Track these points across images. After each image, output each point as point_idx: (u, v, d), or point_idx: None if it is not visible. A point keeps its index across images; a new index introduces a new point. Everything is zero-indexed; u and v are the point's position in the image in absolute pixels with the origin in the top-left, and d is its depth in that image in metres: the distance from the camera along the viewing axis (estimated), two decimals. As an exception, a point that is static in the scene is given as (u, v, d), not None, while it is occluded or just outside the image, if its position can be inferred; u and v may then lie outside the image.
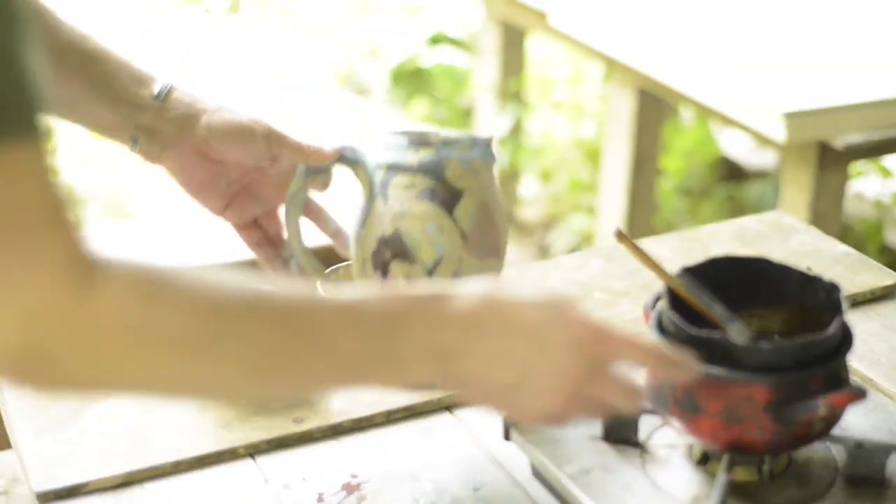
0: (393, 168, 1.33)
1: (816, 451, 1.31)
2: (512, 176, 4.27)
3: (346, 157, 1.35)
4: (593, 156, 4.42)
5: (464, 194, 1.33)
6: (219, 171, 1.35)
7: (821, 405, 1.19)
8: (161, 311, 0.89)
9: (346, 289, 1.02)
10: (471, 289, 1.06)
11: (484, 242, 1.34)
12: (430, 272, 1.30)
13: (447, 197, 1.32)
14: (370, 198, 1.35)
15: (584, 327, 1.07)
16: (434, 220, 1.31)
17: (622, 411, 1.13)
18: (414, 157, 1.32)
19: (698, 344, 1.19)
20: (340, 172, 1.39)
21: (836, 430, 1.29)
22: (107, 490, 1.37)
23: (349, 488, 1.36)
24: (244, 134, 1.33)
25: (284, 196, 1.38)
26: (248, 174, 1.37)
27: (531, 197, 4.44)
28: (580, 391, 1.08)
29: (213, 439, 1.43)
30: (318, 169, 1.35)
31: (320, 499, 1.35)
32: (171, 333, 0.90)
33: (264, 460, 1.41)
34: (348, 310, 1.00)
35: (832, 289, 1.29)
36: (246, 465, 1.41)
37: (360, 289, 1.03)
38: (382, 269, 1.34)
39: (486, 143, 1.37)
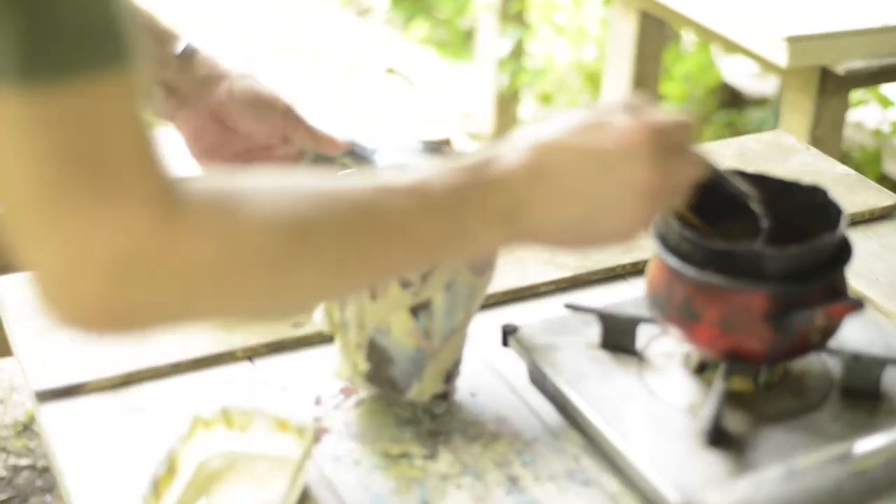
0: (402, 170, 1.31)
1: (812, 362, 1.32)
2: (512, 98, 4.26)
3: (356, 152, 1.32)
4: (594, 79, 4.40)
5: None
6: (228, 139, 1.32)
7: (819, 315, 1.19)
8: (241, 235, 0.88)
9: (405, 171, 1.01)
10: (514, 143, 1.04)
11: (480, 258, 1.31)
12: (425, 277, 1.27)
13: None
14: None
15: (632, 134, 1.04)
16: None
17: (696, 180, 1.10)
18: (425, 163, 1.31)
19: (699, 252, 1.20)
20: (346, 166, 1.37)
21: (833, 343, 1.30)
22: (106, 389, 1.38)
23: (346, 391, 1.37)
24: (264, 106, 1.31)
25: None
26: (255, 150, 1.34)
27: (530, 119, 4.43)
28: (653, 190, 1.05)
29: (212, 342, 1.43)
30: (325, 157, 1.33)
31: (318, 402, 1.36)
32: (253, 254, 0.89)
33: (262, 363, 1.42)
34: (414, 193, 0.99)
35: (813, 192, 1.28)
36: (244, 367, 1.41)
37: (418, 169, 1.01)
38: None
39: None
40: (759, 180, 1.30)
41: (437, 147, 1.31)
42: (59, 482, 1.28)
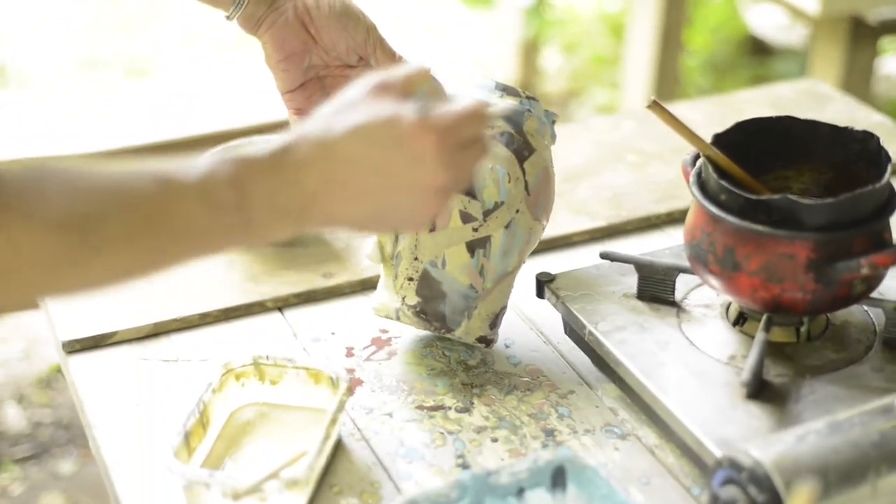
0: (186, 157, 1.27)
1: (854, 313, 1.29)
2: (534, 48, 4.22)
3: (432, 82, 1.29)
4: (617, 30, 4.36)
5: (534, 153, 1.29)
6: (310, 49, 1.29)
7: (863, 265, 1.16)
8: (24, 239, 0.90)
9: (191, 161, 0.98)
10: (300, 134, 1.01)
11: (540, 204, 1.29)
12: (487, 213, 1.26)
13: (521, 148, 1.28)
14: None
15: (421, 140, 1.00)
16: (505, 165, 1.27)
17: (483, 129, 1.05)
18: (498, 101, 1.28)
19: (738, 202, 1.17)
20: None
21: (876, 294, 1.27)
22: (133, 341, 1.36)
23: (378, 343, 1.35)
24: (350, 19, 1.27)
25: None
26: (329, 67, 1.31)
27: (553, 70, 4.39)
28: (447, 188, 1.03)
29: (241, 292, 1.41)
30: None
31: (349, 353, 1.34)
32: (34, 257, 0.91)
33: (292, 314, 1.40)
34: (200, 192, 0.97)
35: (867, 138, 1.26)
36: (274, 318, 1.39)
37: (205, 160, 0.99)
38: None
39: (553, 121, 1.32)
40: (811, 125, 1.27)
41: (511, 88, 1.28)
42: (88, 434, 1.27)
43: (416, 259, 1.27)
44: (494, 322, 1.30)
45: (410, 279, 1.27)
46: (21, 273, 0.91)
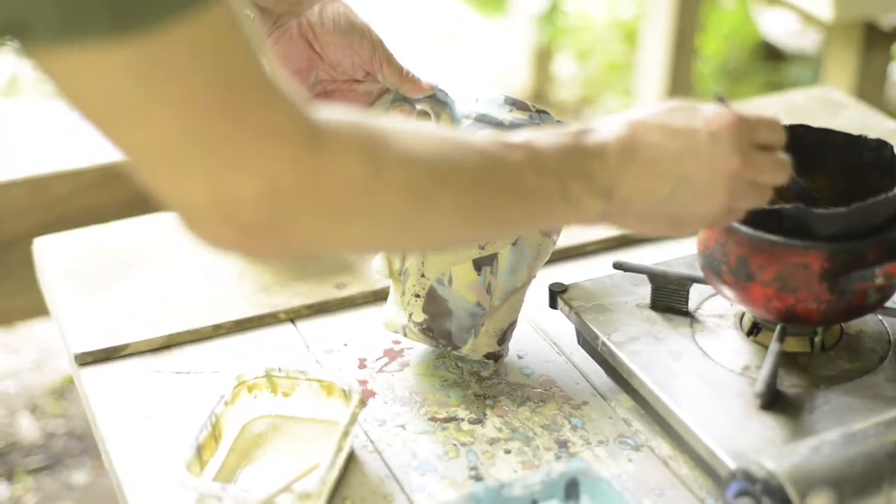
0: (482, 120, 1.27)
1: (869, 323, 1.29)
2: (547, 55, 4.21)
3: (437, 98, 1.29)
4: (630, 36, 4.36)
5: None
6: (315, 65, 1.29)
7: (878, 274, 1.16)
8: (385, 169, 0.91)
9: (518, 134, 1.03)
10: (610, 119, 1.07)
11: None
12: None
13: None
14: None
15: (721, 120, 1.07)
16: None
17: (780, 183, 1.12)
18: (507, 115, 1.27)
19: (763, 216, 1.16)
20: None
21: (891, 303, 1.27)
22: (146, 353, 1.36)
23: (391, 354, 1.34)
24: (355, 35, 1.27)
25: None
26: (336, 82, 1.31)
27: (567, 77, 4.39)
28: (739, 180, 1.07)
29: (254, 304, 1.41)
30: (405, 99, 1.30)
31: (362, 365, 1.33)
32: (396, 188, 0.92)
33: (305, 325, 1.40)
34: (531, 152, 1.01)
35: (880, 146, 1.25)
36: (287, 329, 1.39)
37: (528, 133, 1.04)
38: None
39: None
40: (825, 134, 1.27)
41: (520, 102, 1.28)
42: (100, 447, 1.27)
43: (422, 276, 1.26)
44: (503, 338, 1.29)
45: (417, 296, 1.27)
46: (382, 205, 0.92)
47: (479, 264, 1.25)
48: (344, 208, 0.89)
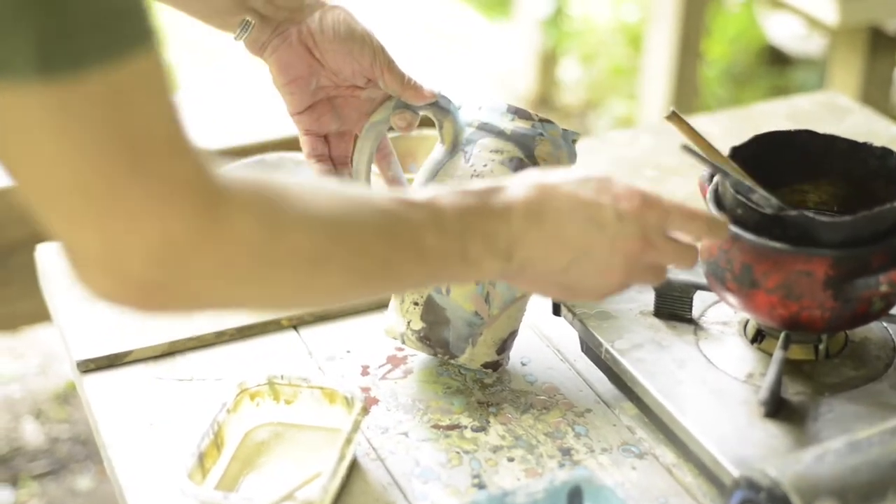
0: (485, 128, 1.26)
1: (873, 330, 1.28)
2: (552, 59, 4.21)
3: (440, 105, 1.28)
4: (635, 40, 4.35)
5: None
6: (314, 71, 1.28)
7: (882, 282, 1.15)
8: (284, 233, 0.90)
9: (421, 191, 1.03)
10: (521, 179, 1.06)
11: None
12: None
13: None
14: (450, 152, 1.29)
15: (633, 199, 1.07)
16: None
17: (681, 269, 1.13)
18: (509, 124, 1.26)
19: (766, 222, 1.16)
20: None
21: (894, 311, 1.26)
22: (149, 359, 1.35)
23: (394, 361, 1.34)
24: (355, 43, 1.26)
25: (363, 123, 1.31)
26: (339, 88, 1.30)
27: (571, 81, 4.38)
28: (638, 261, 1.08)
29: (256, 310, 1.41)
30: (407, 106, 1.29)
31: (365, 371, 1.33)
32: (293, 252, 0.91)
33: (308, 332, 1.39)
34: (432, 212, 1.00)
35: (885, 155, 1.25)
36: (289, 336, 1.39)
37: (432, 190, 1.03)
38: None
39: (573, 140, 1.30)
40: (830, 140, 1.27)
41: (523, 111, 1.27)
42: (102, 454, 1.26)
43: None
44: (502, 347, 1.29)
45: (416, 303, 1.26)
46: (278, 270, 0.91)
47: None
48: (239, 270, 0.88)
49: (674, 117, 1.21)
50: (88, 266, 0.84)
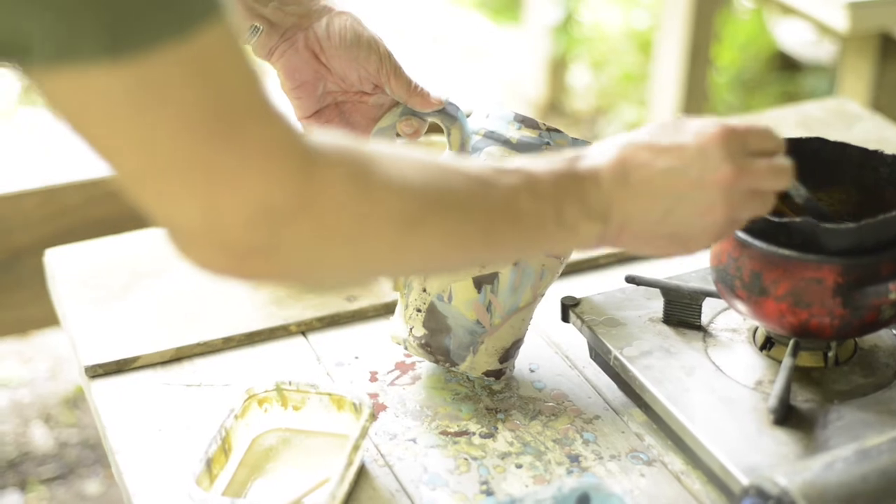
0: (492, 136, 1.26)
1: (883, 337, 1.28)
2: (562, 65, 4.21)
3: (447, 112, 1.27)
4: (645, 47, 4.35)
5: None
6: (321, 76, 1.28)
7: (892, 289, 1.15)
8: (377, 194, 0.90)
9: (509, 160, 1.03)
10: (600, 146, 1.07)
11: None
12: None
13: None
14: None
15: (711, 132, 1.07)
16: None
17: (781, 189, 1.11)
18: (516, 133, 1.26)
19: (773, 229, 1.16)
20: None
21: (905, 318, 1.26)
22: (157, 365, 1.35)
23: (402, 367, 1.34)
24: (361, 49, 1.26)
25: (371, 128, 1.31)
26: (346, 93, 1.30)
27: (581, 87, 4.38)
28: (735, 191, 1.06)
29: (265, 316, 1.41)
30: (414, 112, 1.29)
31: (373, 378, 1.33)
32: (386, 213, 0.91)
33: (316, 338, 1.39)
34: (525, 177, 1.00)
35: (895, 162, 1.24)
36: (298, 342, 1.39)
37: (523, 159, 1.04)
38: None
39: (584, 147, 1.27)
40: (841, 148, 1.26)
41: (530, 120, 1.26)
42: (110, 460, 1.26)
43: (424, 290, 1.26)
44: (505, 356, 1.28)
45: (419, 310, 1.26)
46: (372, 232, 0.91)
47: (479, 282, 1.25)
48: (335, 232, 0.89)
49: None
50: (190, 238, 0.86)
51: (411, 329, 1.27)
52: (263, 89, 0.84)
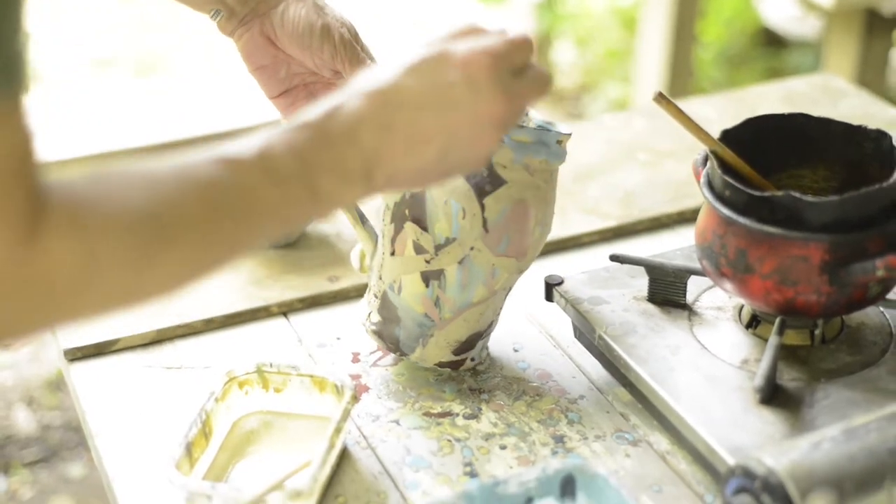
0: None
1: (870, 315, 1.27)
2: (546, 42, 4.19)
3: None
4: (630, 23, 4.34)
5: (503, 185, 1.20)
6: (281, 60, 1.27)
7: (879, 266, 1.14)
8: (98, 244, 0.85)
9: (247, 139, 0.95)
10: (354, 90, 0.98)
11: (506, 240, 1.22)
12: (439, 247, 1.21)
13: (484, 181, 1.20)
14: None
15: (479, 62, 0.98)
16: (460, 199, 1.20)
17: (542, 97, 1.04)
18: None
19: (754, 204, 1.14)
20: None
21: (891, 295, 1.25)
22: (137, 347, 1.34)
23: (385, 349, 1.32)
24: (314, 38, 1.24)
25: None
26: (315, 74, 1.29)
27: (566, 64, 4.37)
28: (506, 117, 1.00)
29: (245, 297, 1.39)
30: None
31: (355, 359, 1.31)
32: (111, 260, 0.86)
33: (298, 319, 1.38)
34: (263, 164, 0.93)
35: (880, 137, 1.23)
36: (279, 323, 1.37)
37: (261, 134, 0.96)
38: (398, 222, 1.26)
39: (557, 142, 1.21)
40: (825, 124, 1.25)
41: None
42: (90, 444, 1.25)
43: (380, 278, 1.24)
44: (462, 348, 1.26)
45: (376, 296, 1.25)
46: (102, 280, 0.87)
47: (426, 277, 1.22)
48: (57, 295, 0.85)
49: (660, 98, 1.19)
50: None
51: (369, 314, 1.26)
52: (20, 155, 0.81)
